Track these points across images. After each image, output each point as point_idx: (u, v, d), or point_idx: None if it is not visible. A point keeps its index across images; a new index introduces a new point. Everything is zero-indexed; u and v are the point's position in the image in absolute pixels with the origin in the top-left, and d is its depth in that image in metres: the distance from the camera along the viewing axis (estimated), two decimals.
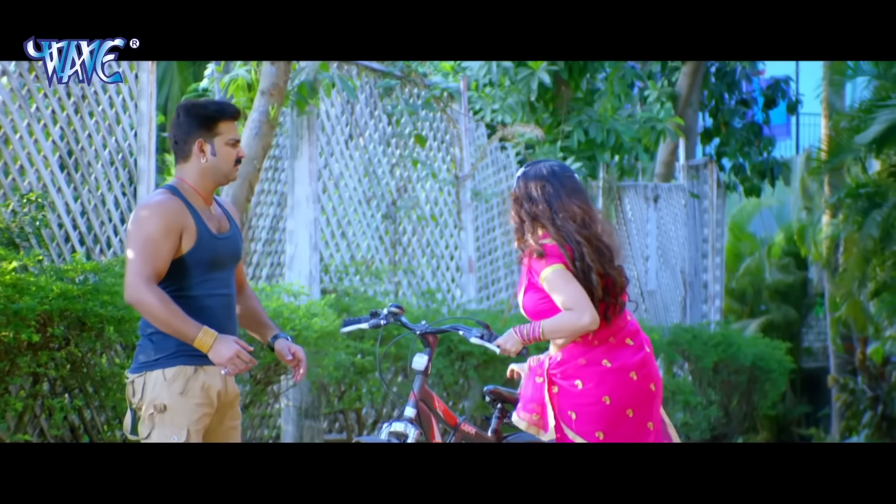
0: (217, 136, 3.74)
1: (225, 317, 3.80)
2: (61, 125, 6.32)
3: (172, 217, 3.65)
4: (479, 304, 10.08)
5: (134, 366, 3.75)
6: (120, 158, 6.73)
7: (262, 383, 6.79)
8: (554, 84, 11.47)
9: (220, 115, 3.74)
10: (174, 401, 3.66)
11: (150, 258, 3.61)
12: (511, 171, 11.12)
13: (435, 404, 4.49)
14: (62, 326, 5.27)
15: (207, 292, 3.75)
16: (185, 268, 3.70)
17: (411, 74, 9.31)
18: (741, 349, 12.12)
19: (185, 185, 3.77)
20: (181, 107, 3.77)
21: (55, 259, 6.15)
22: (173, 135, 3.77)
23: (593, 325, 4.00)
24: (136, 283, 3.59)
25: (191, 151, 3.74)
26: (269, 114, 7.44)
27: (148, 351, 3.71)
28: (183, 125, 3.74)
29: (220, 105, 3.77)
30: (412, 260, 9.42)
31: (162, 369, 3.67)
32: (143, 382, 3.70)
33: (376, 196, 9.15)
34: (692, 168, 14.51)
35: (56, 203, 6.23)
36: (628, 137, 11.41)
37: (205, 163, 3.73)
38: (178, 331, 3.61)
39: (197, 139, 3.72)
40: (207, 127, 3.73)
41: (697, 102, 14.96)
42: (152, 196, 3.73)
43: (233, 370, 3.66)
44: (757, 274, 19.41)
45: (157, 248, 3.62)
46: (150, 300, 3.58)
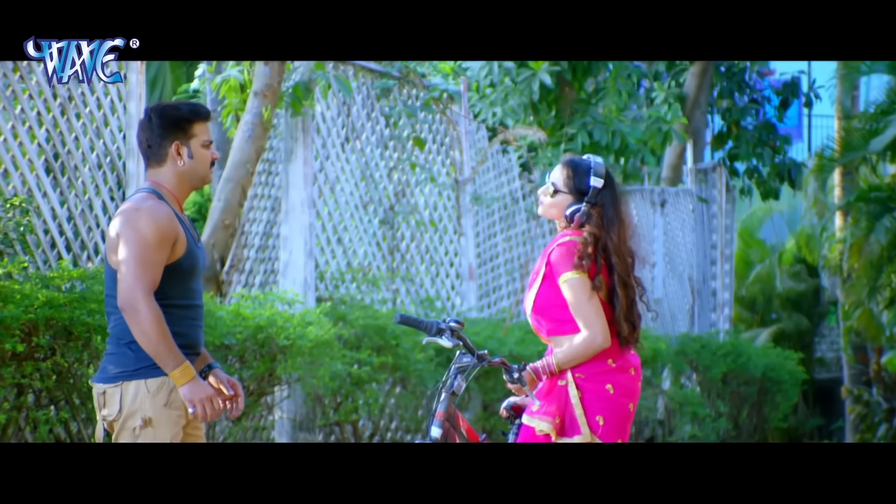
0: (192, 138, 3.73)
1: (201, 328, 3.81)
2: (47, 127, 6.31)
3: (167, 225, 3.65)
4: (480, 313, 10.07)
5: (104, 375, 3.68)
6: (108, 162, 6.72)
7: (255, 394, 6.77)
8: (557, 85, 11.46)
9: (195, 116, 3.73)
10: (159, 413, 3.63)
11: (149, 267, 3.60)
12: (513, 175, 11.12)
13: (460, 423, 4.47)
14: (48, 336, 5.26)
15: (189, 302, 3.75)
16: (172, 277, 3.69)
17: (410, 75, 9.31)
18: (751, 359, 12.10)
19: (162, 188, 3.75)
20: (153, 109, 3.75)
21: (41, 266, 6.13)
22: (146, 138, 3.73)
23: (606, 345, 4.07)
24: (134, 289, 3.57)
25: (166, 155, 3.72)
26: (263, 115, 7.43)
27: (125, 360, 3.65)
28: (156, 128, 3.71)
29: (193, 106, 3.76)
30: (410, 267, 9.40)
31: (144, 380, 3.63)
32: (120, 393, 3.65)
33: (373, 201, 9.14)
34: (700, 171, 14.51)
35: (41, 208, 6.22)
36: (634, 140, 11.40)
37: (182, 166, 3.72)
38: (161, 355, 3.58)
39: (173, 142, 3.71)
40: (183, 129, 3.72)
41: (706, 103, 14.95)
42: (140, 199, 3.69)
43: (199, 413, 3.63)
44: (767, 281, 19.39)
45: (155, 256, 3.62)
46: (146, 313, 3.57)
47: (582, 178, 4.16)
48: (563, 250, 4.10)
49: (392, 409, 8.25)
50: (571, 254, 4.08)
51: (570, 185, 4.17)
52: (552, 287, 4.14)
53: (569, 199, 4.17)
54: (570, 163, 4.20)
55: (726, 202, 14.65)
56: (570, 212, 4.16)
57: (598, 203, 4.15)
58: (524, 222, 11.17)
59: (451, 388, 4.25)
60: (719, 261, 14.58)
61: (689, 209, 14.11)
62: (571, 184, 4.17)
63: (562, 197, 4.18)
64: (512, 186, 11.11)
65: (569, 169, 4.18)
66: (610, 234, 4.12)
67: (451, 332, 4.24)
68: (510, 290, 10.90)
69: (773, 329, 18.62)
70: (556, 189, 4.18)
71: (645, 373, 10.72)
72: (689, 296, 13.96)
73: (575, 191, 4.17)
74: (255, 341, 6.51)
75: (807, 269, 19.47)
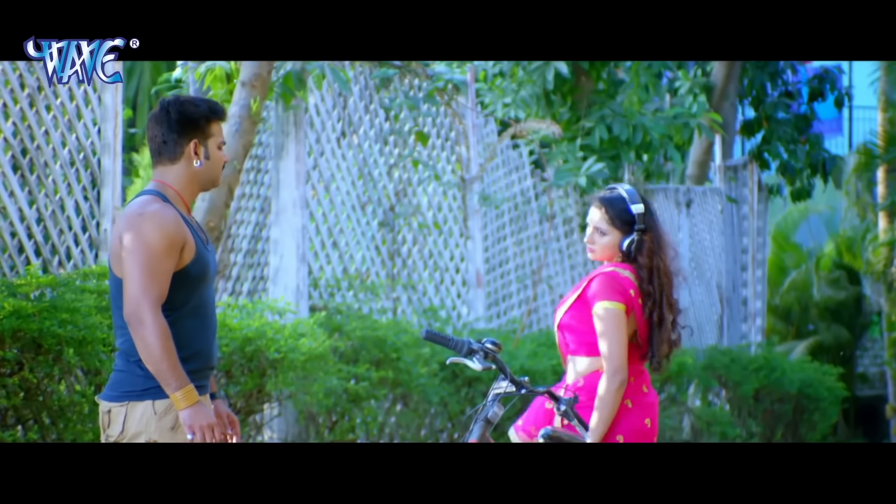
0: (210, 137, 3.82)
1: (214, 338, 3.85)
2: (14, 120, 6.31)
3: (175, 230, 3.69)
4: (489, 323, 10.06)
5: (112, 392, 3.74)
6: (81, 158, 6.72)
7: (243, 412, 6.77)
8: (572, 75, 11.46)
9: (213, 115, 3.83)
10: (164, 437, 3.69)
11: (157, 277, 3.65)
12: (524, 173, 11.12)
13: None
14: (14, 349, 5.25)
15: (200, 311, 3.79)
16: (180, 285, 3.73)
17: (411, 64, 9.31)
18: (786, 374, 12.08)
19: (169, 190, 3.80)
20: (170, 103, 3.81)
21: (7, 272, 6.13)
22: (160, 133, 3.79)
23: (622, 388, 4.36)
24: (141, 302, 3.62)
25: (182, 154, 3.79)
26: (251, 108, 7.43)
27: (134, 378, 3.71)
28: (174, 124, 3.78)
29: (212, 104, 3.85)
30: (412, 273, 9.40)
31: (151, 401, 3.69)
32: (125, 413, 3.71)
33: (372, 201, 9.14)
34: (730, 169, 14.49)
35: (8, 208, 6.22)
36: (657, 134, 11.40)
37: (198, 167, 3.80)
38: (163, 373, 3.62)
39: (192, 140, 3.78)
40: (201, 128, 3.80)
41: (735, 95, 14.93)
42: (144, 203, 3.73)
43: (198, 441, 3.67)
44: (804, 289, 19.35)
45: (162, 266, 3.66)
46: (152, 327, 3.61)
47: (621, 210, 4.45)
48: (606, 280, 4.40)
49: (392, 428, 8.24)
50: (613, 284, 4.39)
51: (612, 221, 4.46)
52: (585, 308, 4.44)
53: (618, 234, 4.46)
54: (602, 201, 4.49)
55: (758, 202, 14.62)
56: (626, 245, 4.44)
57: (648, 228, 4.44)
58: (536, 224, 11.16)
59: (486, 415, 4.29)
60: (750, 266, 14.55)
61: (718, 210, 14.10)
62: (614, 220, 4.46)
63: (610, 237, 4.46)
64: (523, 185, 11.10)
65: (604, 207, 4.47)
66: (661, 256, 4.43)
67: (484, 354, 4.29)
68: (521, 298, 10.89)
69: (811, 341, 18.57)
70: (602, 231, 4.46)
71: (670, 389, 10.71)
72: (717, 305, 13.94)
73: (620, 225, 4.45)
74: (242, 354, 6.51)
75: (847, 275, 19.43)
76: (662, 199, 13.05)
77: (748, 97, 15.44)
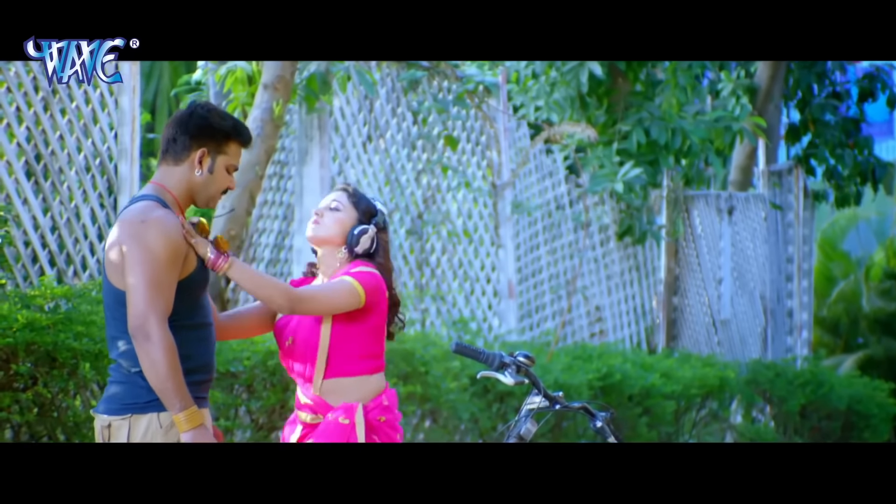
0: (221, 154, 3.80)
1: (214, 349, 3.85)
2: (27, 124, 6.34)
3: (178, 238, 3.68)
4: (521, 336, 10.03)
5: (112, 405, 3.71)
6: (97, 164, 6.74)
7: (265, 429, 6.76)
8: (608, 76, 11.43)
9: (236, 135, 3.82)
10: None
11: (163, 289, 3.64)
12: (558, 178, 11.08)
13: None
14: (28, 363, 5.26)
15: (201, 320, 3.79)
16: (184, 294, 3.72)
17: (440, 65, 9.30)
18: (834, 390, 12.01)
19: (167, 194, 3.78)
20: (200, 106, 3.82)
21: (20, 283, 6.15)
22: (174, 131, 3.79)
23: None
24: (148, 315, 3.60)
25: (186, 157, 3.78)
26: (274, 111, 7.44)
27: (136, 390, 3.68)
28: (192, 126, 3.78)
29: (239, 126, 3.84)
30: (441, 283, 9.38)
31: (157, 413, 3.67)
32: (128, 427, 3.68)
33: (399, 208, 9.13)
34: (774, 174, 14.41)
35: (21, 216, 6.24)
36: (697, 138, 11.34)
37: (198, 176, 3.78)
38: (168, 392, 3.61)
39: (201, 147, 3.77)
40: (217, 140, 3.79)
41: (780, 96, 14.84)
42: (145, 209, 3.70)
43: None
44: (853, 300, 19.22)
45: (168, 276, 3.65)
46: (159, 343, 3.59)
47: (367, 201, 4.16)
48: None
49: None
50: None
51: (355, 204, 4.17)
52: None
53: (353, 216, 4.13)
54: (349, 186, 4.21)
55: (804, 209, 14.54)
56: (358, 233, 4.12)
57: (384, 229, 4.17)
58: (571, 232, 11.12)
59: (518, 432, 4.26)
60: (796, 276, 14.47)
61: (761, 217, 14.02)
62: (357, 203, 4.17)
63: (344, 214, 4.14)
64: (557, 191, 11.07)
65: (349, 190, 4.18)
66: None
67: (516, 367, 4.25)
68: (555, 309, 10.85)
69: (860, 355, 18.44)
70: (338, 208, 4.15)
71: (711, 405, 10.64)
72: (761, 317, 13.87)
73: (361, 210, 4.16)
74: (264, 368, 6.50)
75: None
76: (703, 205, 12.98)
77: (793, 99, 15.34)
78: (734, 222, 13.47)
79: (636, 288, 11.99)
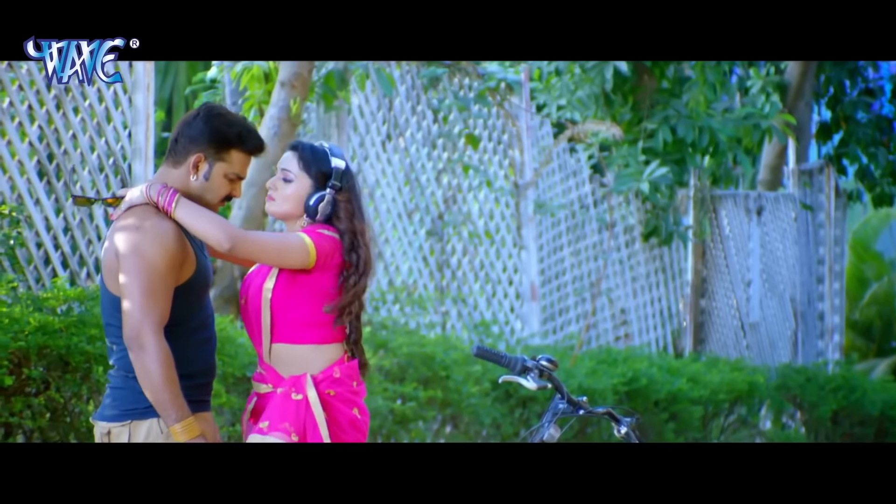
0: (220, 161, 3.76)
1: (215, 351, 3.84)
2: (40, 123, 6.34)
3: (175, 244, 3.66)
4: (544, 339, 9.99)
5: (111, 412, 3.72)
6: (111, 163, 6.74)
7: None
8: (634, 73, 11.38)
9: (238, 142, 3.76)
10: None
11: (159, 298, 3.63)
12: (582, 178, 11.04)
13: None
14: (41, 367, 5.26)
15: (202, 323, 3.79)
16: (184, 298, 3.71)
17: (461, 62, 9.28)
18: (867, 395, 11.95)
19: None
20: (209, 108, 3.80)
21: (32, 285, 6.15)
22: (179, 132, 3.79)
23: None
24: (142, 325, 3.59)
25: (184, 161, 3.76)
26: (291, 109, 7.43)
27: (135, 395, 3.67)
28: (194, 130, 3.76)
29: (245, 133, 3.78)
30: (462, 286, 9.36)
31: (157, 418, 3.66)
32: (128, 434, 3.68)
33: (419, 208, 9.11)
34: (805, 173, 14.34)
35: (33, 217, 6.24)
36: (725, 137, 11.29)
37: (193, 181, 3.76)
38: (163, 403, 3.60)
39: (199, 152, 3.75)
40: (216, 146, 3.75)
41: (811, 94, 14.75)
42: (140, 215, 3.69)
43: None
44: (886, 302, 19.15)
45: (164, 284, 3.64)
46: (155, 355, 3.59)
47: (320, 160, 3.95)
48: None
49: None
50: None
51: (307, 168, 3.96)
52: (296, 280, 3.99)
53: (307, 184, 3.95)
54: (299, 144, 4.00)
55: (836, 209, 14.46)
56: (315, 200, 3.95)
57: (345, 189, 3.96)
58: (595, 233, 11.08)
59: (541, 437, 4.24)
60: (827, 278, 14.39)
61: (791, 217, 13.96)
62: (309, 166, 3.96)
63: (297, 185, 3.96)
64: (581, 191, 11.03)
65: (299, 150, 3.98)
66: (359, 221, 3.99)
67: (539, 372, 4.22)
68: (579, 312, 10.81)
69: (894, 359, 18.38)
70: (289, 178, 3.96)
71: (740, 410, 10.59)
72: (791, 320, 13.81)
73: (314, 174, 3.96)
74: None
75: None
76: (731, 205, 12.92)
77: (825, 96, 15.25)
78: (763, 223, 13.41)
79: (662, 290, 11.94)
